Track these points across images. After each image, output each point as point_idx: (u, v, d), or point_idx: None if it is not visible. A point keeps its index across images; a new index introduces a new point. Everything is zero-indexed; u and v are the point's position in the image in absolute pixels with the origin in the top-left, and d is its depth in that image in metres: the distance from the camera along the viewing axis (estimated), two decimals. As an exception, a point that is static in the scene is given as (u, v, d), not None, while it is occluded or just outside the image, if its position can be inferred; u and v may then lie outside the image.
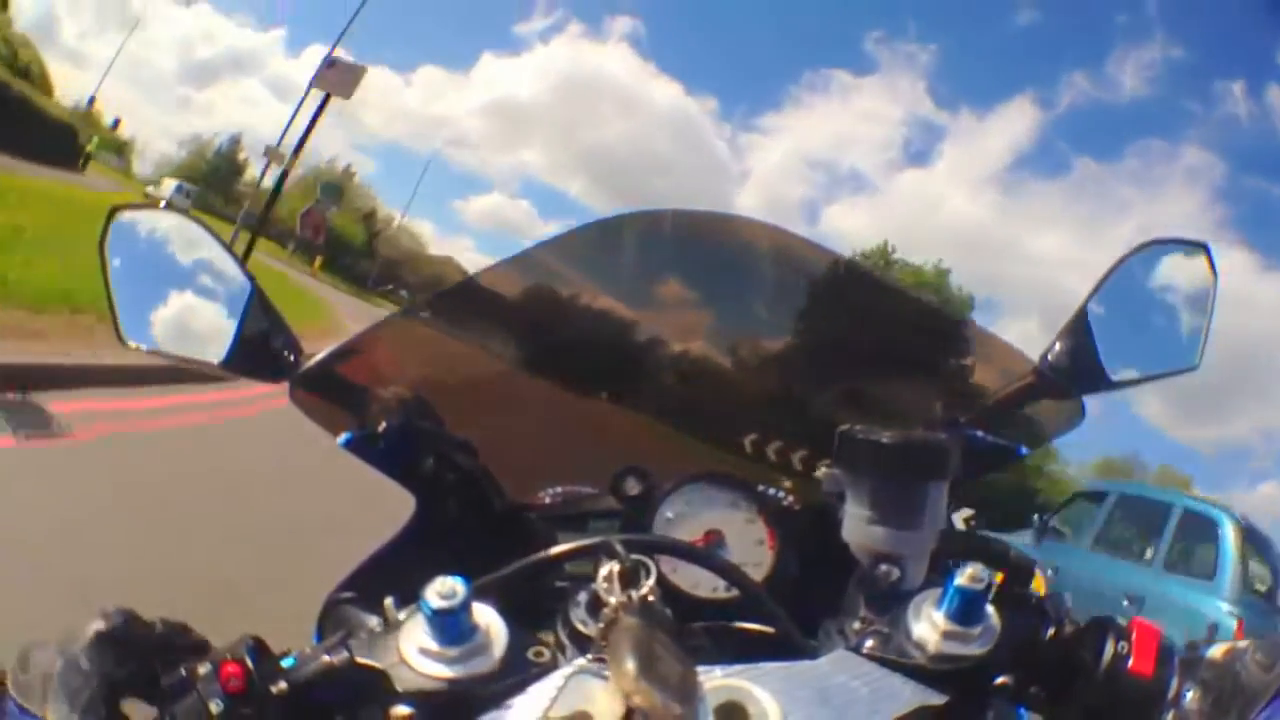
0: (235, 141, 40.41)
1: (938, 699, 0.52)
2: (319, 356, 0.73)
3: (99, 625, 0.50)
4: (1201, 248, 0.78)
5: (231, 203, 31.27)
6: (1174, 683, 0.52)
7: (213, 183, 36.86)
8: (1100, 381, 0.75)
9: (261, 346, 0.71)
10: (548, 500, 0.86)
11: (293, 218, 27.15)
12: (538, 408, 0.90)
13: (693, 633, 0.63)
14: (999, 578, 0.64)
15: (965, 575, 0.53)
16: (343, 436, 0.76)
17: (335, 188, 31.95)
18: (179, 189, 29.91)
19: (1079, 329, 0.76)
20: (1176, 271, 0.78)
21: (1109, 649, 0.54)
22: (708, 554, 0.67)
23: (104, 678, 0.49)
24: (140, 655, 0.50)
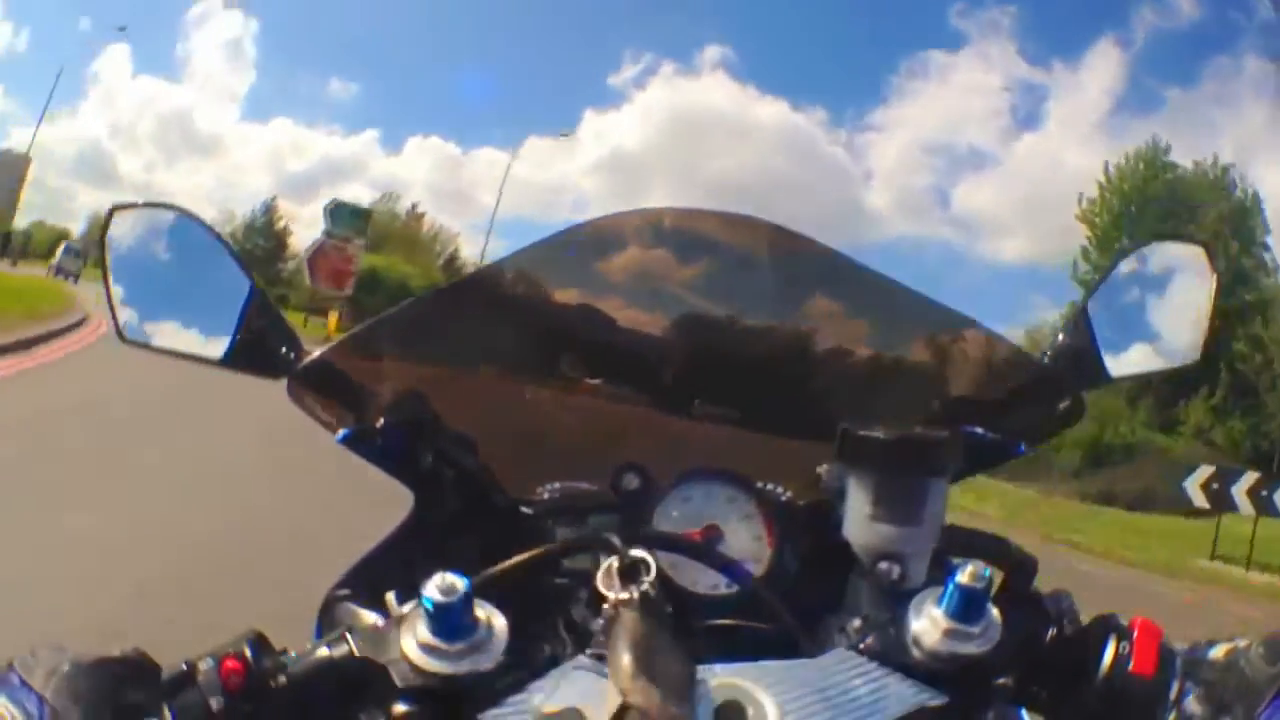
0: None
1: (938, 698, 0.52)
2: (318, 353, 0.73)
3: (114, 652, 0.50)
4: (1200, 246, 0.78)
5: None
6: (1175, 683, 0.52)
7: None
8: (1100, 377, 0.76)
9: (261, 343, 0.71)
10: (546, 497, 0.86)
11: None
12: (536, 404, 0.90)
13: (692, 631, 0.63)
14: (1001, 576, 0.64)
15: (966, 573, 0.53)
16: (341, 432, 0.76)
17: (351, 212, 23.08)
18: (67, 250, 26.94)
19: (1079, 326, 0.76)
20: (1175, 269, 0.78)
21: (1110, 649, 0.54)
22: (706, 548, 0.67)
23: (107, 696, 0.48)
24: (145, 689, 0.49)
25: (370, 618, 0.57)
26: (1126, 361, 0.76)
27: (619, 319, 0.88)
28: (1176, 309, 0.77)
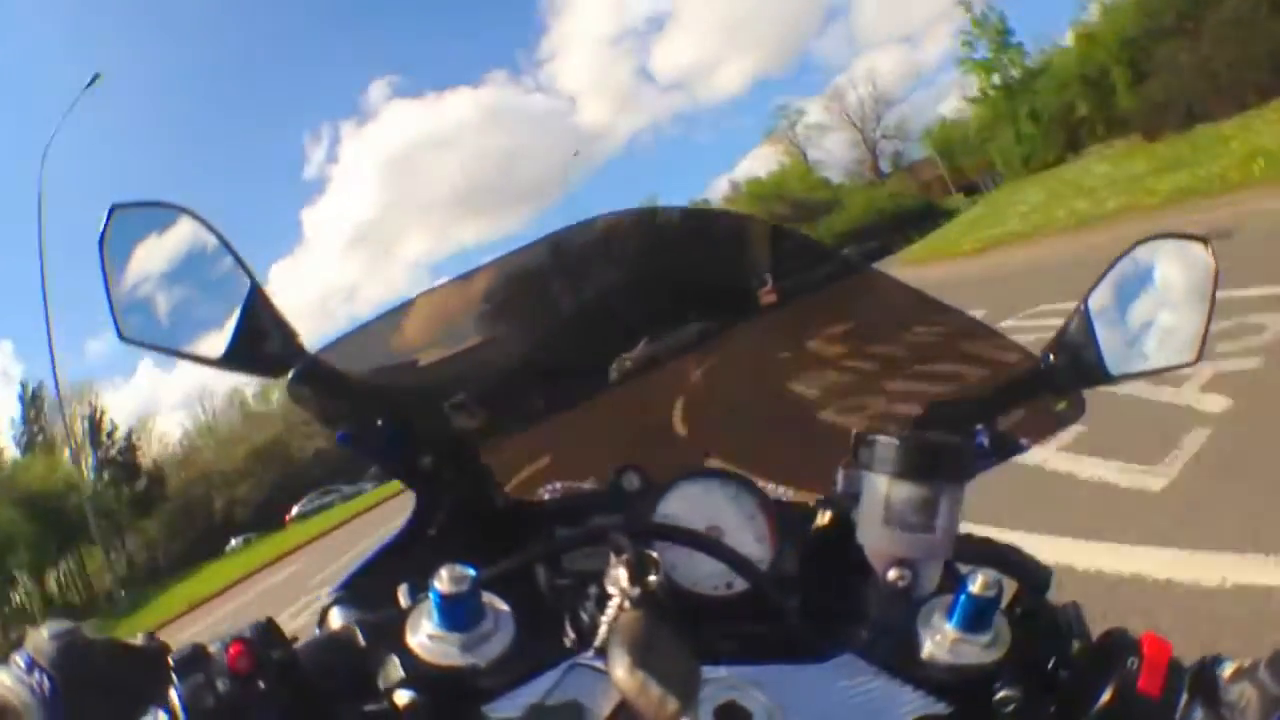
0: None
1: (942, 709, 0.52)
2: (317, 352, 0.72)
3: (130, 640, 0.51)
4: (1201, 241, 0.78)
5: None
6: (1183, 700, 0.52)
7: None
8: (1101, 376, 0.76)
9: (261, 342, 0.71)
10: (547, 497, 0.86)
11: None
12: (538, 404, 0.90)
13: (696, 630, 0.63)
14: (1014, 587, 0.64)
15: (978, 583, 0.53)
16: (341, 432, 0.76)
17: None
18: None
19: (1079, 324, 0.76)
20: (1176, 266, 0.78)
21: (1118, 665, 0.53)
22: (712, 541, 0.67)
23: (116, 680, 0.49)
24: (155, 678, 0.50)
25: (378, 611, 0.57)
26: (1126, 359, 0.76)
27: (619, 318, 0.88)
28: (1176, 305, 0.77)
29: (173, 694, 0.48)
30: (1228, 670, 0.53)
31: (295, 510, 34.06)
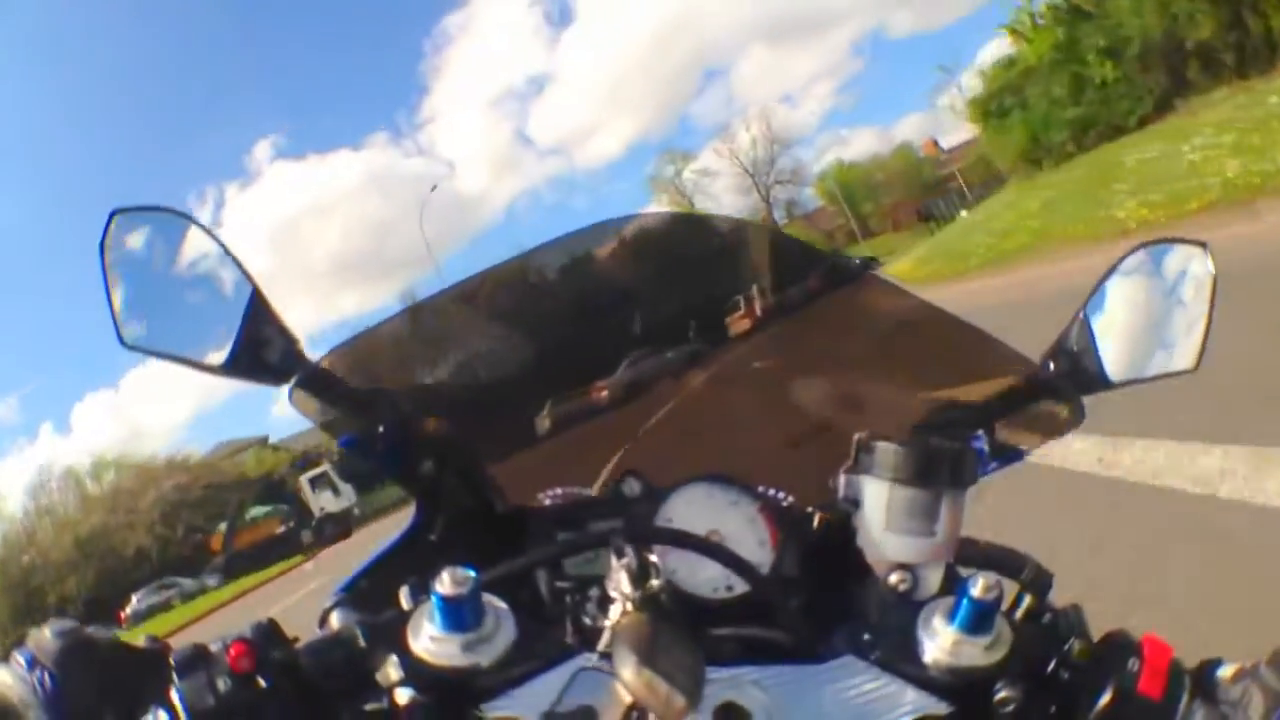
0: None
1: (943, 709, 0.52)
2: (319, 358, 0.73)
3: (134, 641, 0.51)
4: (1200, 247, 0.78)
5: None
6: (1184, 702, 0.52)
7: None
8: (1100, 382, 0.76)
9: (263, 349, 0.71)
10: (548, 503, 0.86)
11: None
12: (538, 410, 0.90)
13: (698, 633, 0.63)
14: (1014, 589, 0.64)
15: (978, 587, 0.53)
16: (343, 439, 0.76)
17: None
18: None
19: (1079, 330, 0.76)
20: (1175, 271, 0.78)
21: (1119, 667, 0.53)
22: (715, 546, 0.67)
23: (117, 679, 0.49)
24: (156, 679, 0.50)
25: (379, 613, 0.58)
26: (1126, 365, 0.76)
27: (618, 324, 0.88)
28: (1176, 311, 0.77)
29: (174, 693, 0.48)
30: (1228, 671, 0.53)
31: (130, 608, 30.23)
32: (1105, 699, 0.53)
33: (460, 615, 0.50)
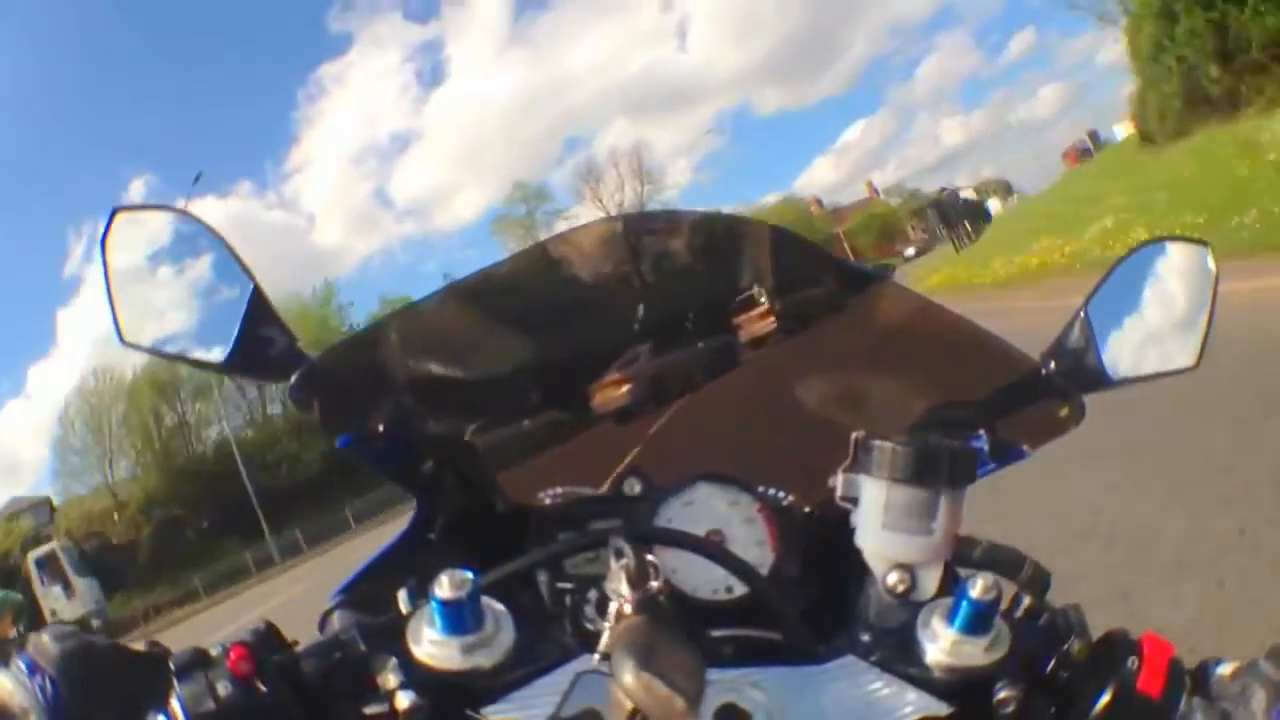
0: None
1: (943, 710, 0.52)
2: (319, 356, 0.73)
3: (135, 645, 0.51)
4: (1203, 245, 0.78)
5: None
6: (1183, 701, 0.52)
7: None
8: (1101, 381, 0.75)
9: (263, 347, 0.71)
10: (548, 502, 0.86)
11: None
12: (538, 409, 0.90)
13: (698, 634, 0.63)
14: (1013, 589, 0.64)
15: (977, 587, 0.53)
16: (342, 437, 0.76)
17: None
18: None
19: (1080, 328, 0.76)
20: (1176, 270, 0.78)
21: (1118, 666, 0.53)
22: (715, 547, 0.67)
23: (118, 684, 0.49)
24: (156, 683, 0.50)
25: (378, 615, 0.58)
26: (1127, 363, 0.76)
27: (619, 322, 0.88)
28: (1177, 309, 0.77)
29: (173, 698, 0.48)
30: (1228, 669, 0.53)
31: None
32: (1105, 698, 0.53)
33: (459, 618, 0.50)
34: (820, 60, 75.85)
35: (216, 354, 0.71)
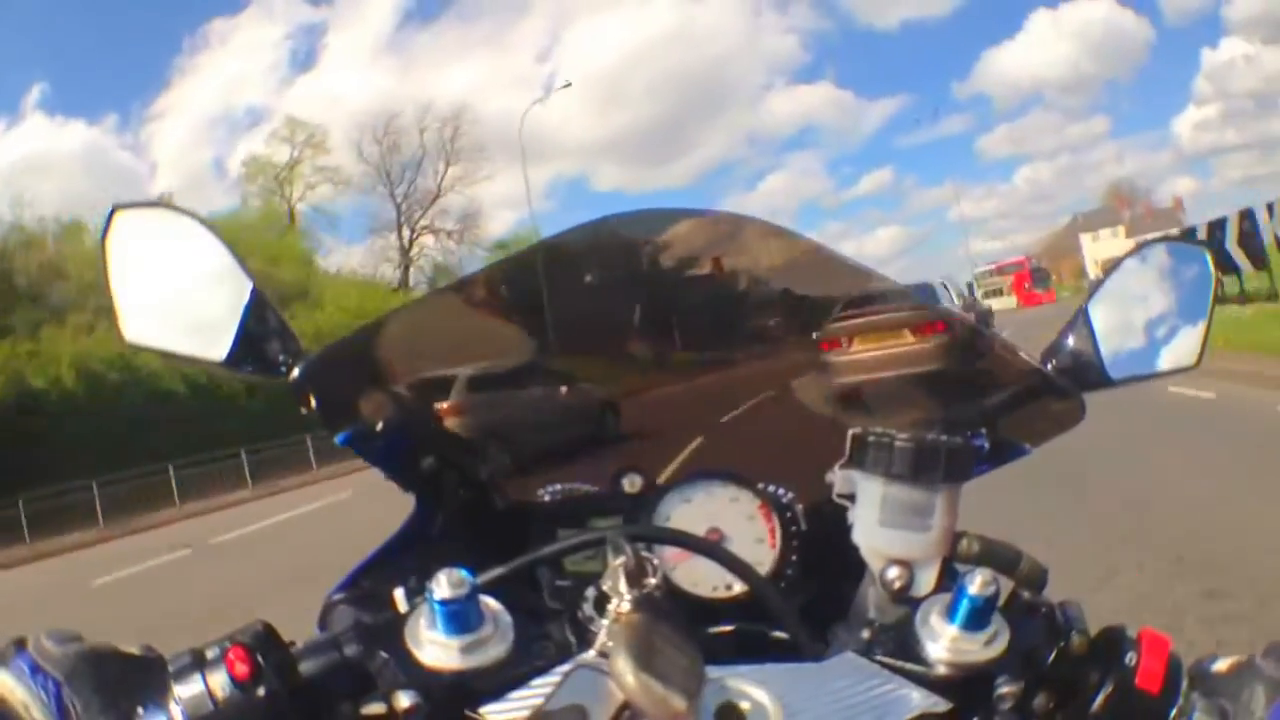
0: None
1: (942, 706, 0.52)
2: (319, 353, 0.73)
3: (131, 649, 0.51)
4: (1202, 247, 0.78)
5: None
6: (1182, 696, 0.52)
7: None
8: (1101, 380, 0.76)
9: (262, 344, 0.71)
10: (547, 499, 0.86)
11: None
12: (537, 406, 0.90)
13: (696, 632, 0.63)
14: (1011, 585, 0.64)
15: (976, 583, 0.53)
16: (342, 434, 0.76)
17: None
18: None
19: (1081, 328, 0.76)
20: (1176, 271, 0.78)
21: (1116, 661, 0.54)
22: (713, 546, 0.67)
23: (122, 687, 0.49)
24: (156, 687, 0.50)
25: (376, 614, 0.58)
26: (1127, 363, 0.76)
27: (618, 320, 0.88)
28: (1177, 311, 0.77)
29: (171, 701, 0.48)
30: (1226, 664, 0.53)
31: None
32: (1104, 693, 0.53)
33: (458, 617, 0.50)
34: (671, 150, 74.91)
35: (217, 351, 0.71)
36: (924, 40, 75.67)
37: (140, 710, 0.49)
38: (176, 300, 0.71)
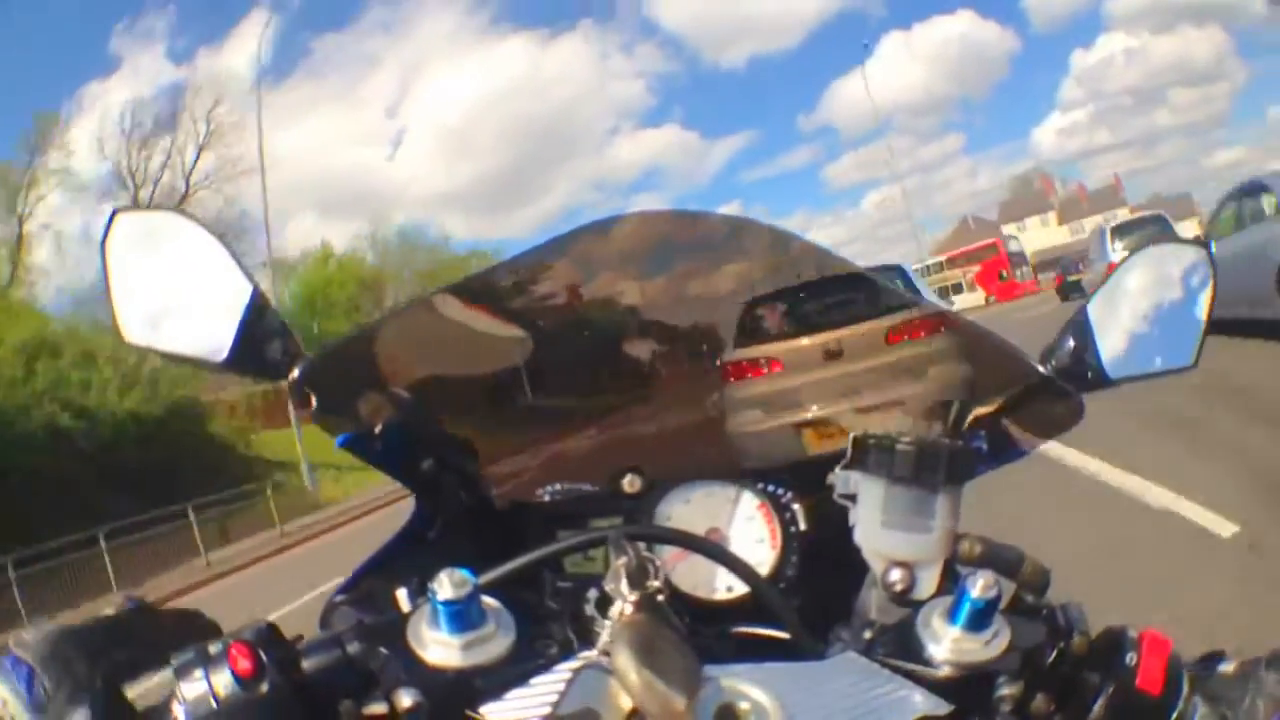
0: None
1: (943, 707, 0.52)
2: (319, 355, 0.73)
3: (107, 611, 0.51)
4: (1202, 248, 0.79)
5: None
6: (1183, 698, 0.52)
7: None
8: (1100, 380, 0.76)
9: (262, 346, 0.71)
10: (547, 499, 0.86)
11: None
12: (537, 406, 0.90)
13: (698, 634, 0.63)
14: (1013, 587, 0.64)
15: (978, 585, 0.53)
16: (342, 435, 0.76)
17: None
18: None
19: (1079, 329, 0.77)
20: (1175, 272, 0.78)
21: (1118, 663, 0.54)
22: (715, 547, 0.67)
23: (101, 655, 0.49)
24: (146, 642, 0.50)
25: (378, 614, 0.58)
26: (1126, 363, 0.77)
27: (617, 321, 0.88)
28: (1175, 310, 0.77)
29: (174, 701, 0.48)
30: (1228, 667, 0.53)
31: None
32: (1105, 695, 0.53)
33: (459, 617, 0.50)
34: (518, 199, 73.31)
35: (217, 353, 0.71)
36: (771, 75, 76.77)
37: (129, 681, 0.49)
38: (176, 302, 0.71)
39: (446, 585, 0.50)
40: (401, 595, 0.56)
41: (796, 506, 0.78)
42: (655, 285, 0.88)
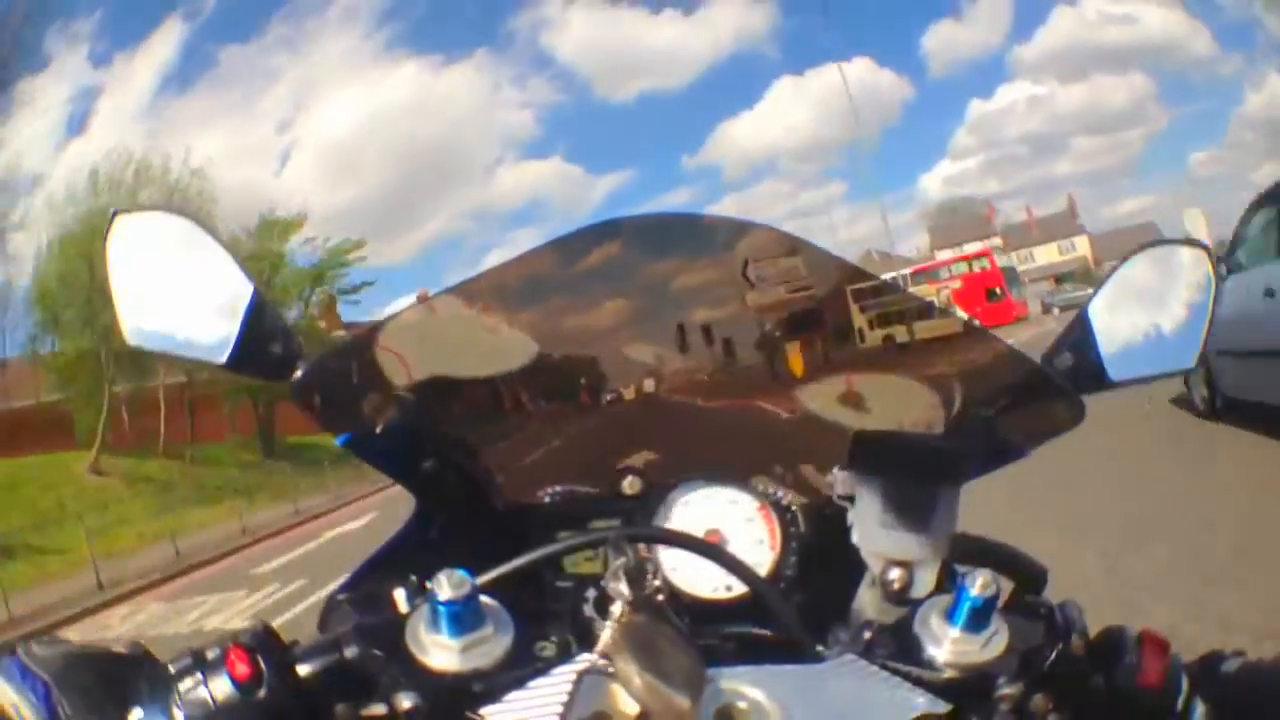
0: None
1: (942, 707, 0.52)
2: (320, 355, 0.73)
3: (117, 649, 0.51)
4: (1203, 249, 0.78)
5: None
6: (1183, 696, 0.52)
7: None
8: (1101, 381, 0.76)
9: (263, 346, 0.71)
10: (547, 500, 0.86)
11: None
12: (537, 408, 0.90)
13: (697, 633, 0.63)
14: (1011, 586, 0.64)
15: (976, 584, 0.53)
16: (342, 436, 0.76)
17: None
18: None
19: (1080, 329, 0.77)
20: (1177, 272, 0.78)
21: (1117, 662, 0.54)
22: (714, 548, 0.67)
23: (115, 685, 0.49)
24: (150, 679, 0.50)
25: (377, 616, 0.58)
26: (1127, 364, 0.76)
27: (620, 322, 0.88)
28: (1176, 310, 0.77)
29: (173, 703, 0.48)
30: (1232, 668, 0.53)
31: None
32: (1105, 693, 0.53)
33: (458, 618, 0.50)
34: (397, 226, 71.06)
35: (218, 353, 0.71)
36: (659, 113, 74.04)
37: (136, 710, 0.49)
38: (178, 303, 0.71)
39: (445, 586, 0.50)
40: (400, 596, 0.56)
41: (795, 507, 0.78)
42: (657, 287, 0.88)
